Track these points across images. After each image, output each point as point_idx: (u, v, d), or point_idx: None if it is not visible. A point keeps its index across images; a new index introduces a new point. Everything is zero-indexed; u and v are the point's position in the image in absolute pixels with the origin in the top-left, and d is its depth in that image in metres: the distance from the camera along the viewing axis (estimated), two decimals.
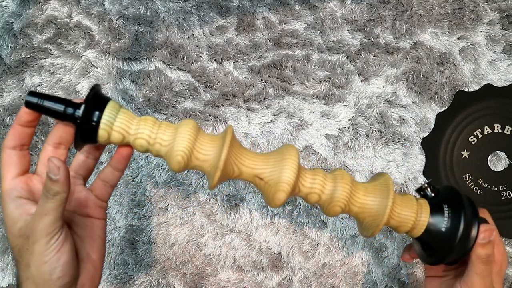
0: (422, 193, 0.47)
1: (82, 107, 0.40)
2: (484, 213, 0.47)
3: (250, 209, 0.67)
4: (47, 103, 0.40)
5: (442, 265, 0.47)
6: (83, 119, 0.40)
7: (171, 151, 0.42)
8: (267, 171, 0.43)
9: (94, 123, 0.40)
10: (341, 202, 0.44)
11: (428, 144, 0.68)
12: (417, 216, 0.45)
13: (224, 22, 0.70)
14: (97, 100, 0.41)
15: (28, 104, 0.40)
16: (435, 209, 0.45)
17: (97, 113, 0.40)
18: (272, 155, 0.44)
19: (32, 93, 0.40)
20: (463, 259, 0.45)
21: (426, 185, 0.47)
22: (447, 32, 0.70)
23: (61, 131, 0.42)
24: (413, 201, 0.46)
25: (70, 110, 0.40)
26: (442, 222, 0.44)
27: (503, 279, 0.46)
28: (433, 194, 0.46)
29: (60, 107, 0.40)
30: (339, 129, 0.68)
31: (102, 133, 0.41)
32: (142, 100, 0.69)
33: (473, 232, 0.43)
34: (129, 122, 0.42)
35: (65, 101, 0.41)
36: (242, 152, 0.44)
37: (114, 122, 0.41)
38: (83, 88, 0.69)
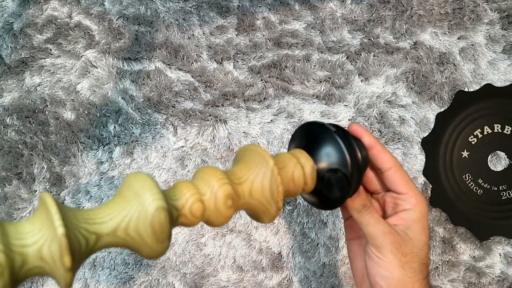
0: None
1: None
2: (362, 133, 0.43)
3: None
4: None
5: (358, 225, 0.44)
6: None
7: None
8: (132, 215, 0.32)
9: None
10: (228, 205, 0.36)
11: (428, 144, 0.68)
12: (304, 173, 0.39)
13: (224, 22, 0.70)
14: None
15: None
16: (312, 153, 0.41)
17: None
18: (122, 195, 0.34)
19: None
20: (360, 186, 0.42)
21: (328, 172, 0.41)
22: (447, 32, 0.70)
23: None
24: (292, 159, 0.40)
25: None
26: (325, 162, 0.40)
27: (426, 226, 0.42)
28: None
29: None
30: None
31: None
32: (142, 100, 0.69)
33: (359, 154, 0.41)
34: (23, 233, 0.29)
35: None
36: (85, 213, 0.32)
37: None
38: (83, 88, 0.69)
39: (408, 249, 0.40)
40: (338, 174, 0.40)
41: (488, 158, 0.68)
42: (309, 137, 0.43)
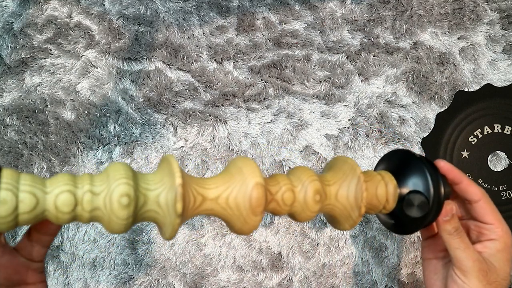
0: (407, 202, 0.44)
1: None
2: (450, 170, 0.46)
3: None
4: None
5: (439, 246, 0.47)
6: None
7: (110, 197, 0.33)
8: (234, 189, 0.37)
9: None
10: (316, 204, 0.40)
11: (428, 144, 0.68)
12: (387, 190, 0.43)
13: (224, 22, 0.70)
14: None
15: None
16: (398, 177, 0.44)
17: None
18: (228, 172, 0.39)
19: None
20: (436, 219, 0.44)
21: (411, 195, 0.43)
22: (447, 32, 0.70)
23: None
24: (377, 176, 0.43)
25: None
26: (409, 187, 0.43)
27: (510, 257, 0.44)
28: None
29: None
30: (339, 129, 0.68)
31: (5, 219, 0.31)
32: (142, 100, 0.69)
33: (442, 187, 0.43)
34: (39, 184, 0.32)
35: None
36: (196, 178, 0.38)
37: (18, 214, 0.31)
38: (83, 88, 0.69)
39: (493, 278, 0.42)
40: (420, 197, 0.42)
41: (488, 158, 0.68)
42: (397, 162, 0.46)
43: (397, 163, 0.45)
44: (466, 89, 0.69)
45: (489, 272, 0.42)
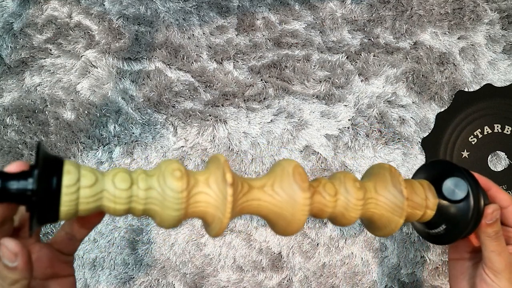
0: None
1: (35, 175, 0.29)
2: (478, 177, 0.47)
3: None
4: None
5: (467, 248, 0.48)
6: (40, 193, 0.29)
7: (163, 175, 0.34)
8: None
9: (54, 195, 0.30)
10: (358, 209, 0.40)
11: (428, 144, 0.68)
12: (426, 199, 0.43)
13: (224, 22, 0.70)
14: (49, 162, 0.31)
15: None
16: (438, 187, 0.44)
17: (55, 180, 0.30)
18: (273, 173, 0.40)
19: None
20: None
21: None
22: (447, 32, 0.70)
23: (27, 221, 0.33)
24: (417, 184, 0.44)
25: (12, 185, 0.29)
26: (449, 199, 0.44)
27: None
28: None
29: None
30: (339, 129, 0.68)
31: (68, 207, 0.31)
32: (142, 100, 0.69)
33: (482, 202, 0.44)
34: (98, 181, 0.33)
35: None
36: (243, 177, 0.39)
37: (80, 188, 0.32)
38: (83, 88, 0.69)
39: None
40: (455, 179, 0.43)
41: (488, 158, 0.68)
42: (436, 172, 0.46)
43: (436, 173, 0.46)
44: (466, 89, 0.69)
45: None
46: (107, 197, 0.33)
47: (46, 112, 0.69)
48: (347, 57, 0.69)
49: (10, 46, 0.70)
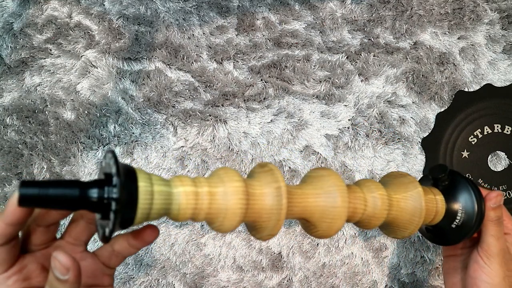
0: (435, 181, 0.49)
1: (117, 184, 0.31)
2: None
3: None
4: (53, 192, 0.31)
5: (459, 244, 0.51)
6: (123, 200, 0.31)
7: (227, 185, 0.36)
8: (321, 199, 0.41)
9: (133, 202, 0.32)
10: (384, 212, 0.43)
11: (428, 144, 0.68)
12: (436, 203, 0.47)
13: (224, 22, 0.70)
14: (127, 171, 0.33)
15: (25, 200, 0.30)
16: (445, 193, 0.48)
17: (134, 187, 0.32)
18: (313, 182, 0.42)
19: (26, 184, 0.30)
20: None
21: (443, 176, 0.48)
22: (447, 32, 0.70)
23: (78, 230, 0.36)
24: (428, 190, 0.47)
25: (93, 193, 0.31)
26: (455, 204, 0.47)
27: None
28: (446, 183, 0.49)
29: (73, 192, 0.31)
30: (339, 129, 0.68)
31: (143, 211, 0.33)
32: (142, 100, 0.69)
33: (484, 207, 0.48)
34: (167, 186, 0.35)
35: (73, 183, 0.32)
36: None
37: (153, 193, 0.34)
38: (83, 88, 0.69)
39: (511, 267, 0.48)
40: (466, 211, 0.48)
41: (488, 158, 0.68)
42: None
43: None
44: (466, 89, 0.69)
45: (509, 261, 0.48)
46: (175, 202, 0.35)
47: (46, 112, 0.69)
48: (347, 57, 0.69)
49: (10, 46, 0.70)
